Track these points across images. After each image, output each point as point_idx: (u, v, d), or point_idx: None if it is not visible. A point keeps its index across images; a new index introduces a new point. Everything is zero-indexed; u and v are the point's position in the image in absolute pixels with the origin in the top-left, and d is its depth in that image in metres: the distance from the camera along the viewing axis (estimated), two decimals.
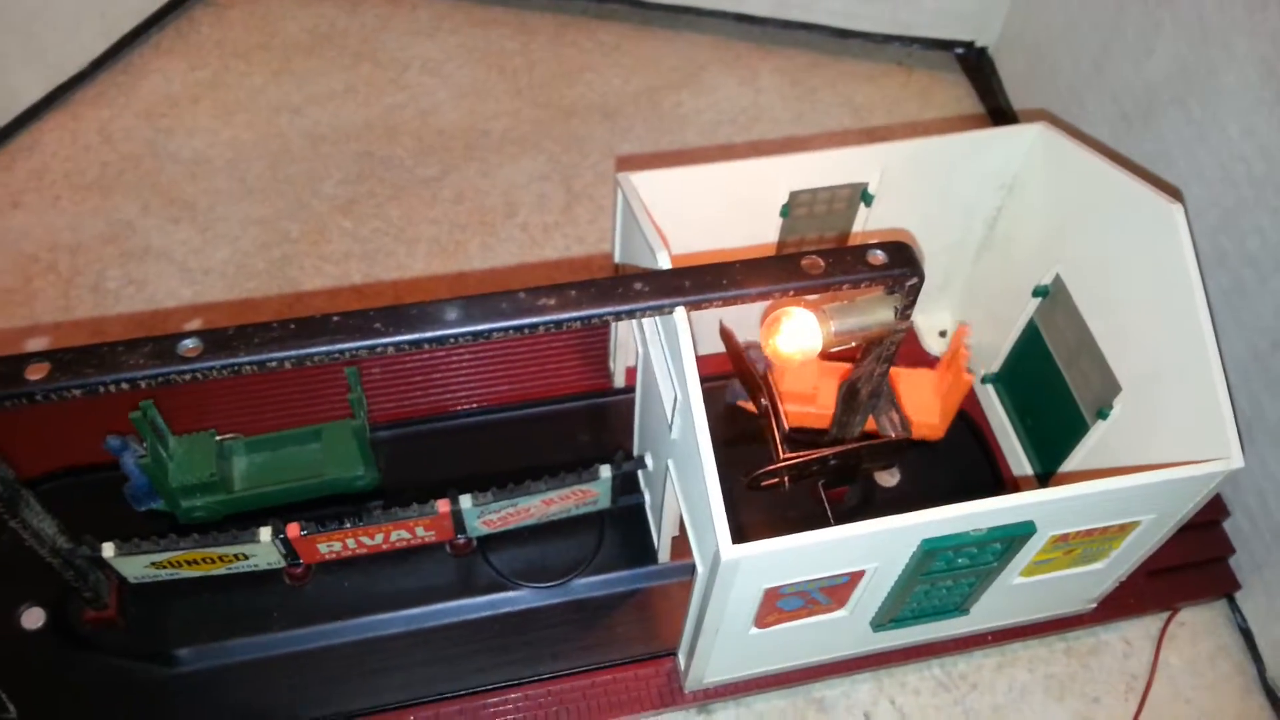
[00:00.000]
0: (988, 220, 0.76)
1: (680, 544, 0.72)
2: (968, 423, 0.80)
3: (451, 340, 0.52)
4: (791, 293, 0.54)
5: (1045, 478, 0.75)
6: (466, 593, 0.71)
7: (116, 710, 0.65)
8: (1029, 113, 0.99)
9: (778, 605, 0.58)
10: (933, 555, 0.56)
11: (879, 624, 0.64)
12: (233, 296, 0.87)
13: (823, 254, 0.55)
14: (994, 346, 0.79)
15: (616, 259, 0.71)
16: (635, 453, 0.75)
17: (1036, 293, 0.72)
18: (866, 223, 0.73)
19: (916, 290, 0.57)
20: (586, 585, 0.72)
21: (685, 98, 1.05)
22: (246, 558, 0.66)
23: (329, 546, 0.67)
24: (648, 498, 0.73)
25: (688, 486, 0.57)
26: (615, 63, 1.08)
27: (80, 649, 0.67)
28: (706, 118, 1.03)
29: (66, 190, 0.94)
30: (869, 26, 1.06)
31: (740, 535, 0.51)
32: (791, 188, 0.68)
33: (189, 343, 0.50)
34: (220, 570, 0.67)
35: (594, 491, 0.70)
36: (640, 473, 0.74)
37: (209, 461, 0.70)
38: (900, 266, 0.56)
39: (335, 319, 0.51)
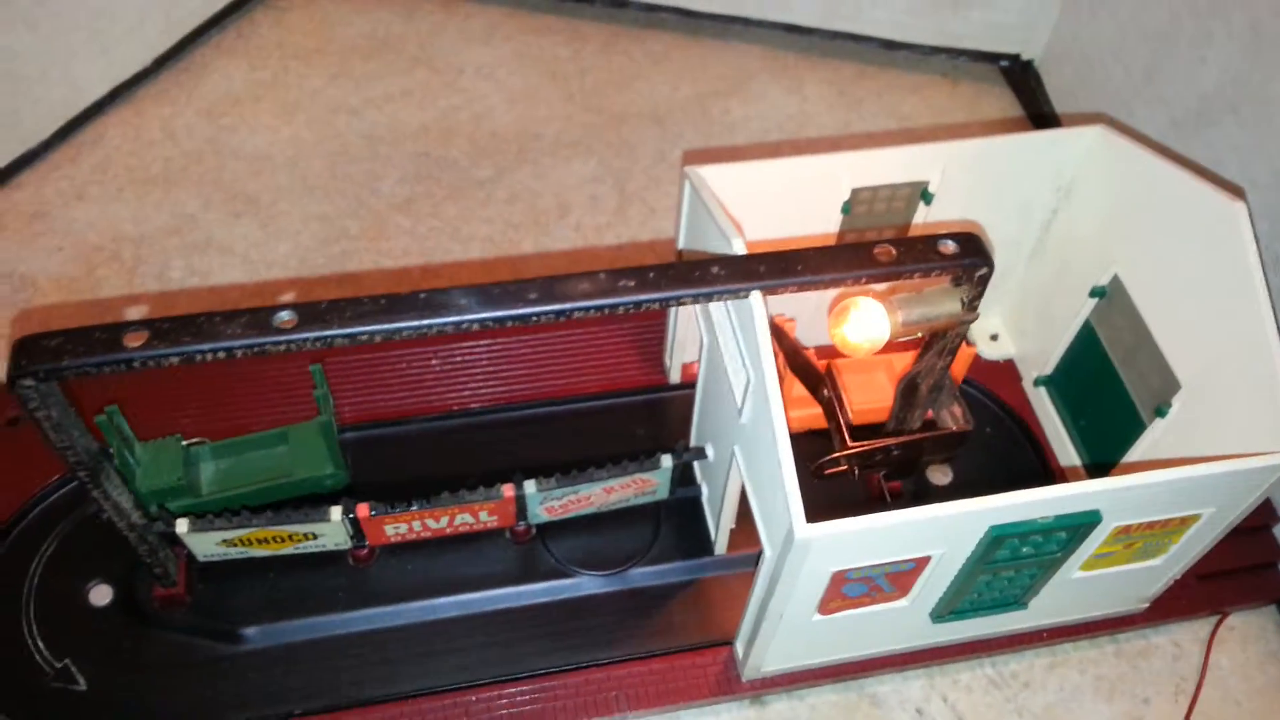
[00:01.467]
0: (1043, 222, 0.77)
1: (737, 537, 0.73)
2: (1019, 424, 0.81)
3: (535, 319, 0.53)
4: (864, 280, 0.56)
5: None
6: (526, 579, 0.72)
7: (183, 685, 0.66)
8: (1077, 117, 1.00)
9: (842, 591, 0.59)
10: (999, 543, 0.57)
11: (938, 615, 0.64)
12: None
13: (894, 243, 0.56)
14: (1045, 349, 0.80)
15: (680, 247, 0.72)
16: (693, 445, 0.76)
17: (1094, 293, 0.73)
18: (925, 221, 0.74)
19: (985, 281, 0.58)
20: (643, 575, 0.73)
21: (733, 105, 1.07)
22: (315, 537, 0.67)
23: (395, 528, 0.68)
24: (705, 490, 0.74)
25: (757, 470, 0.58)
26: (665, 70, 1.09)
27: (147, 625, 0.69)
28: (754, 125, 1.05)
29: (129, 184, 0.96)
30: (916, 38, 1.08)
31: None
32: (854, 184, 0.69)
33: (284, 315, 0.51)
34: (288, 550, 0.68)
35: (654, 481, 0.71)
36: (697, 466, 0.75)
37: (176, 466, 0.69)
38: (970, 256, 0.57)
39: (423, 296, 0.53)
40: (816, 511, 0.52)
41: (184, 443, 0.71)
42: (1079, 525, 0.57)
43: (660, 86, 1.08)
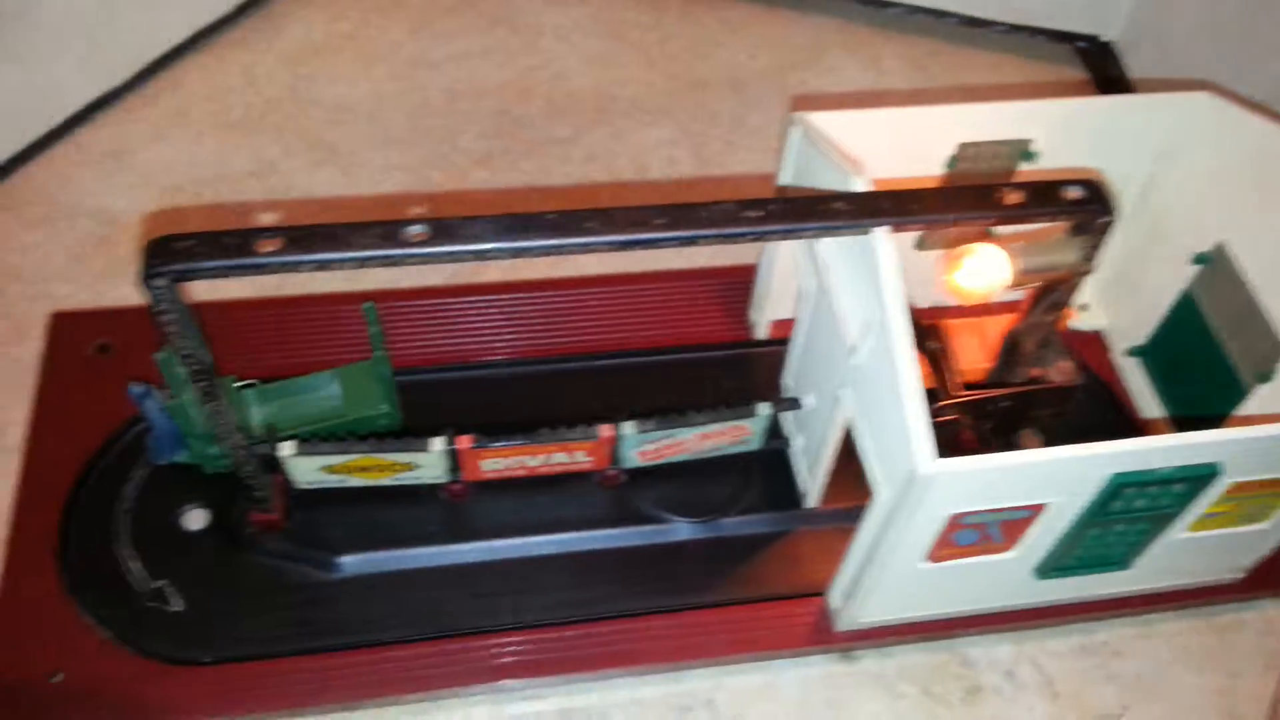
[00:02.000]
0: (1140, 189, 0.77)
1: (827, 492, 0.73)
2: (1110, 395, 0.80)
3: (660, 244, 0.53)
4: (989, 221, 0.55)
5: None
6: (616, 523, 0.72)
7: (277, 609, 0.67)
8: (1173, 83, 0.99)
9: (954, 538, 0.58)
10: (1117, 493, 0.56)
11: (1043, 571, 0.64)
12: None
13: (1019, 186, 0.56)
14: (1139, 318, 0.79)
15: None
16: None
17: (1198, 260, 0.72)
18: None
19: (1106, 229, 0.57)
20: (733, 525, 0.72)
21: (810, 77, 1.06)
22: (414, 468, 0.67)
23: (492, 464, 0.68)
24: (798, 442, 0.74)
25: (874, 409, 0.57)
26: (742, 40, 1.09)
27: (241, 550, 0.69)
28: (831, 97, 1.05)
29: (209, 127, 0.96)
30: (995, 15, 1.07)
31: None
32: (961, 139, 0.69)
33: (415, 229, 0.51)
34: (385, 480, 0.68)
35: (749, 429, 0.71)
36: (786, 419, 0.75)
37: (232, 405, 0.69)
38: (1095, 203, 0.56)
39: (550, 216, 0.52)
40: None
41: (235, 384, 0.71)
42: (1198, 477, 0.56)
43: (738, 55, 1.07)
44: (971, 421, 0.64)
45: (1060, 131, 0.70)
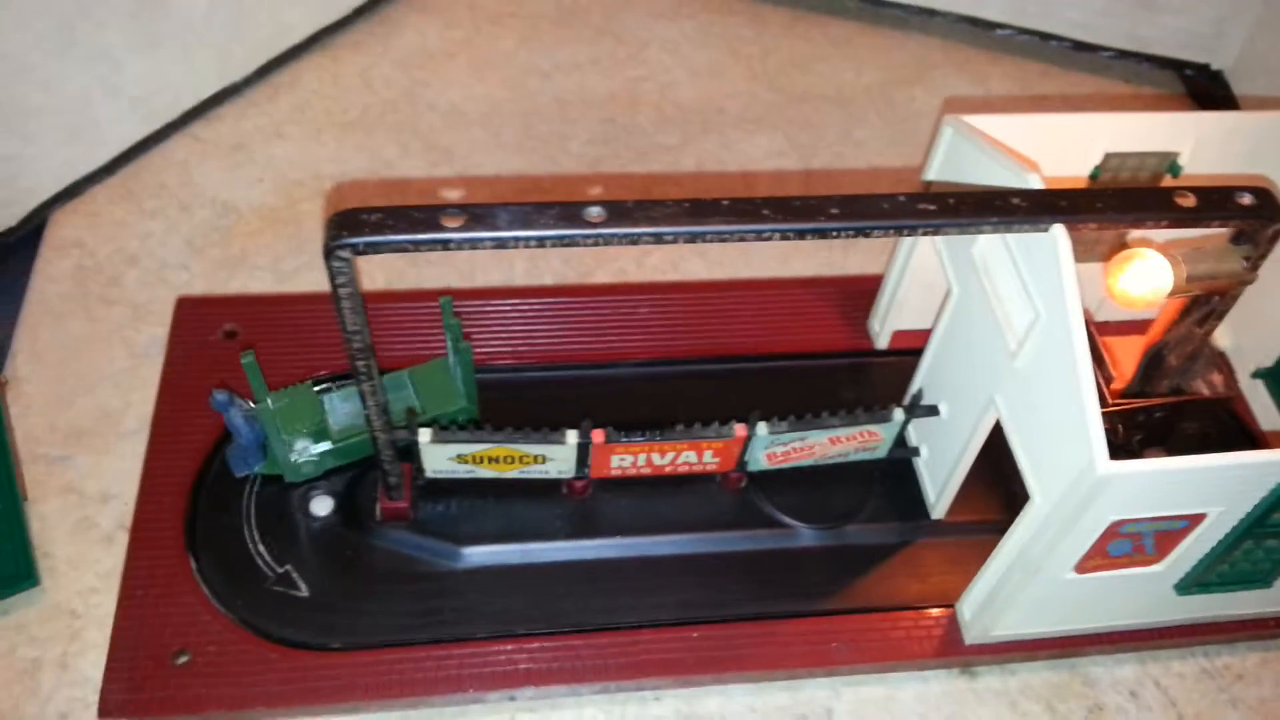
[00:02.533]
0: None
1: (955, 504, 0.72)
2: (1236, 420, 0.79)
3: (833, 234, 0.53)
4: (1164, 223, 0.55)
5: None
6: (739, 526, 0.71)
7: (403, 597, 0.66)
8: None
9: (1107, 548, 0.57)
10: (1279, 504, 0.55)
11: (1184, 586, 0.62)
12: None
13: (1194, 190, 0.55)
14: (1267, 339, 0.78)
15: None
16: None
17: None
18: None
19: (1277, 238, 0.57)
20: (859, 533, 0.72)
21: (917, 93, 1.06)
22: (544, 461, 0.67)
23: (621, 460, 0.68)
24: (924, 452, 0.73)
25: (1036, 412, 0.56)
26: (846, 55, 1.10)
27: (368, 537, 0.69)
28: (940, 115, 1.05)
29: (328, 125, 0.97)
30: (1105, 40, 1.07)
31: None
32: (1108, 149, 0.68)
33: (594, 210, 0.51)
34: (514, 473, 0.68)
35: (880, 435, 0.70)
36: (914, 429, 0.74)
37: (314, 409, 0.69)
38: (1267, 210, 0.56)
39: (726, 203, 0.53)
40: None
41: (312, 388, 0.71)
42: None
43: (844, 71, 1.08)
44: (1121, 433, 0.63)
45: (1204, 145, 0.69)
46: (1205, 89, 1.08)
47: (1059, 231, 0.53)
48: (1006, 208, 0.53)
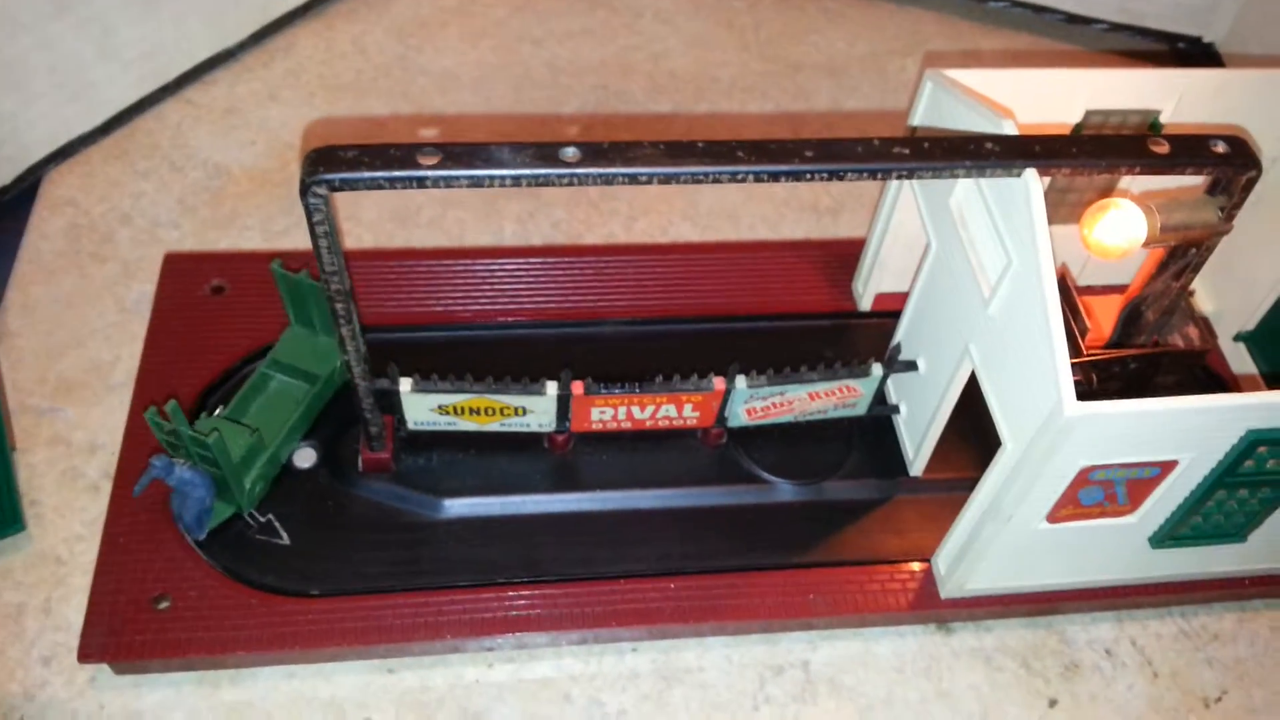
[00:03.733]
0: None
1: (931, 462, 0.72)
2: (1217, 381, 0.79)
3: (807, 176, 0.53)
4: (1137, 169, 0.55)
5: None
6: (717, 481, 0.72)
7: (384, 547, 0.67)
8: None
9: (1079, 496, 0.58)
10: (1250, 450, 0.55)
11: (1159, 539, 0.63)
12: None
13: (1168, 138, 0.56)
14: (1249, 303, 0.78)
15: None
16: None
17: None
18: None
19: (1251, 186, 0.57)
20: (837, 489, 0.72)
21: (909, 65, 1.07)
22: (524, 414, 0.68)
23: (601, 413, 0.69)
24: (903, 409, 0.73)
25: (1008, 358, 0.57)
26: (839, 27, 1.10)
27: (350, 488, 0.69)
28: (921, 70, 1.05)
29: (321, 90, 0.98)
30: (1098, 13, 1.07)
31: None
32: (1088, 105, 0.68)
33: (570, 150, 0.51)
34: (493, 426, 0.69)
35: (859, 390, 0.70)
36: (894, 386, 0.75)
37: (239, 428, 0.67)
38: (1240, 158, 0.56)
39: (701, 145, 0.53)
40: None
41: (214, 414, 0.69)
42: None
43: (836, 42, 1.08)
44: (1096, 383, 0.63)
45: (1188, 103, 0.69)
46: (1197, 61, 1.09)
47: (1031, 175, 0.53)
48: (980, 152, 0.54)
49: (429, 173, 0.50)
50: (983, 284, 0.59)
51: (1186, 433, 0.54)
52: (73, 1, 0.86)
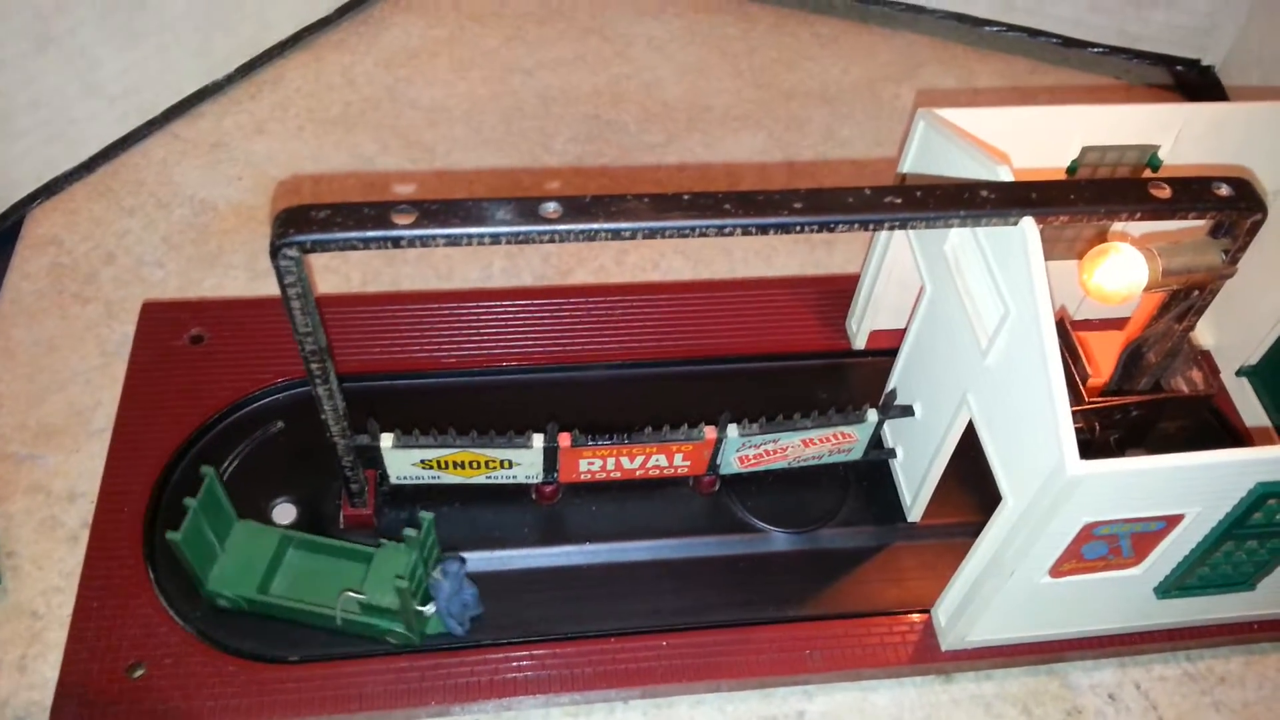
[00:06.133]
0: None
1: (929, 507, 0.71)
2: (1220, 419, 0.77)
3: (796, 228, 0.51)
4: (1138, 215, 0.53)
5: None
6: (712, 531, 0.70)
7: None
8: None
9: (1082, 551, 0.56)
10: (1260, 504, 0.53)
11: (1165, 590, 0.61)
12: None
13: (1169, 181, 0.54)
14: (1251, 337, 0.76)
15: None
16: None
17: None
18: None
19: (1256, 229, 0.55)
20: (833, 536, 0.70)
21: (904, 91, 1.05)
22: (509, 466, 0.66)
23: (589, 464, 0.67)
24: (900, 454, 0.72)
25: (1007, 411, 0.55)
26: (833, 54, 1.08)
27: None
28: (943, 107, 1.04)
29: (309, 123, 0.96)
30: (1095, 37, 1.05)
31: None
32: (1084, 142, 0.67)
33: (550, 205, 0.50)
34: (479, 479, 0.67)
35: (854, 436, 0.69)
36: (890, 430, 0.73)
37: (262, 558, 0.64)
38: (1245, 201, 0.54)
39: (687, 197, 0.51)
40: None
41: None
42: None
43: (830, 69, 1.07)
44: (1098, 431, 0.62)
45: (1186, 138, 0.67)
46: (1196, 84, 1.07)
47: (1028, 224, 0.52)
48: (974, 200, 0.52)
49: (404, 232, 0.48)
50: (980, 333, 0.57)
51: (1193, 488, 0.52)
52: (56, 36, 0.85)
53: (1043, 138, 0.67)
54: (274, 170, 0.93)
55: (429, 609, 0.62)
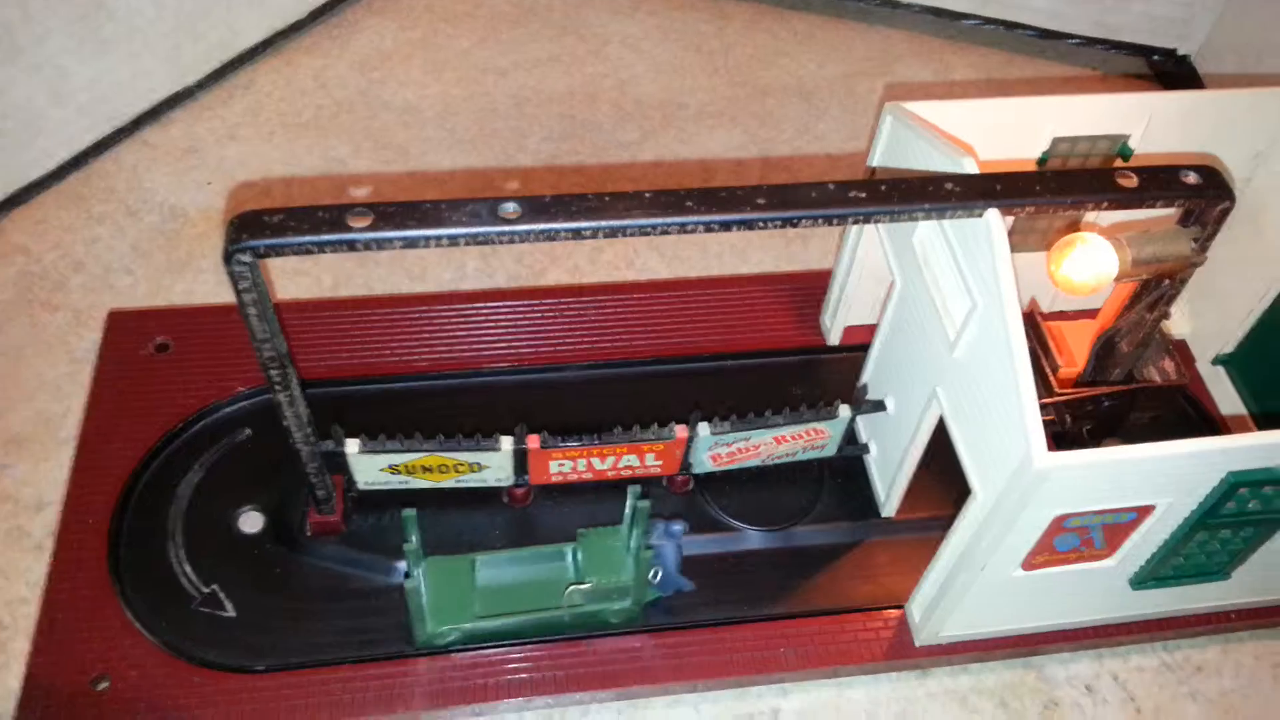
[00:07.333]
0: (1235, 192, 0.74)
1: (904, 502, 0.70)
2: (1196, 407, 0.77)
3: (760, 224, 0.51)
4: (1104, 205, 0.53)
5: None
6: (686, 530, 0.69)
7: (334, 616, 0.64)
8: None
9: (1054, 543, 0.55)
10: (1231, 493, 0.53)
11: (1140, 581, 0.60)
12: None
13: (1136, 170, 0.53)
14: (1226, 325, 0.76)
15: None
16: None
17: None
18: None
19: (1224, 216, 0.55)
20: (807, 534, 0.70)
21: (880, 86, 1.05)
22: (479, 469, 0.65)
23: (560, 465, 0.66)
24: (873, 449, 0.71)
25: (975, 404, 0.55)
26: (809, 49, 1.08)
27: (299, 554, 0.67)
28: (906, 95, 1.03)
29: (281, 127, 0.96)
30: (1071, 28, 1.05)
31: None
32: (1055, 133, 0.66)
33: (509, 206, 0.49)
34: (449, 482, 0.66)
35: (827, 432, 0.68)
36: (863, 425, 0.72)
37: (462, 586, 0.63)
38: (1213, 188, 0.54)
39: (649, 195, 0.51)
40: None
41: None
42: None
43: (806, 64, 1.06)
44: (1069, 423, 0.61)
45: (1157, 127, 0.67)
46: (1173, 74, 1.07)
47: (993, 216, 0.51)
48: (939, 193, 0.51)
49: (360, 235, 0.48)
50: (948, 326, 0.57)
51: (1163, 478, 0.52)
52: (24, 45, 0.84)
53: (1014, 130, 0.66)
54: (245, 175, 0.92)
55: (655, 576, 0.63)
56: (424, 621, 0.61)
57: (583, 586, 0.62)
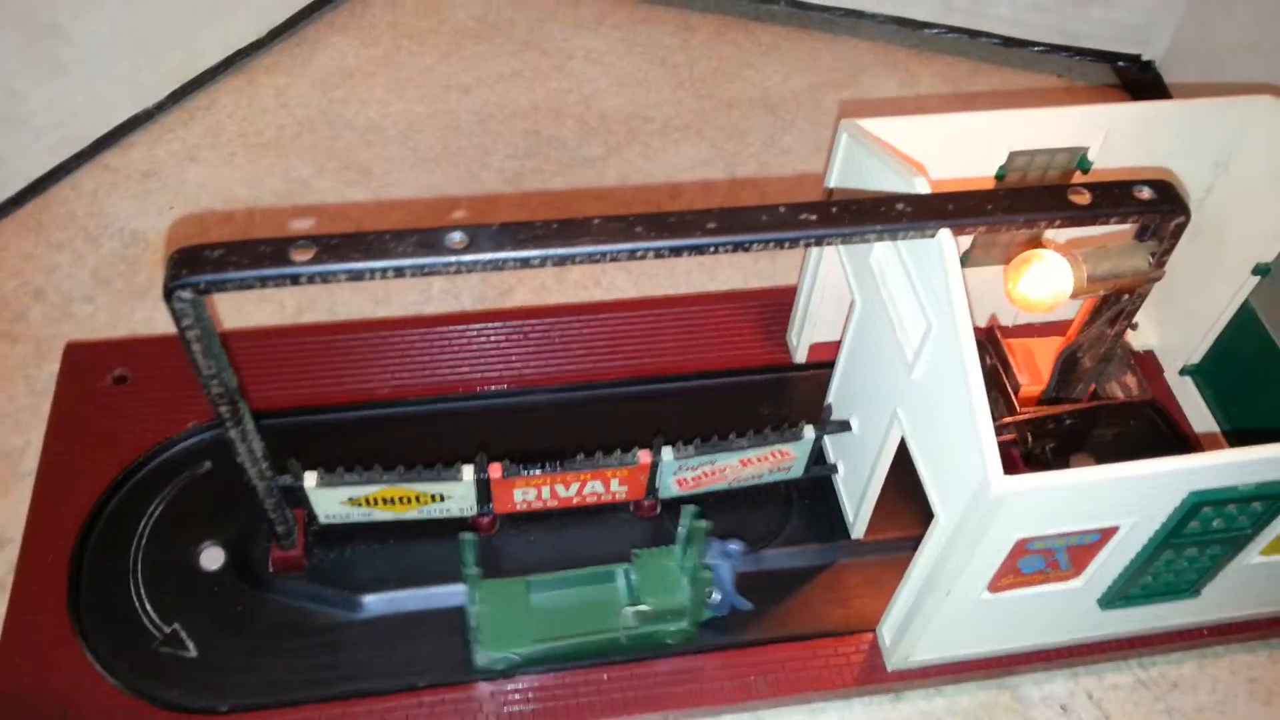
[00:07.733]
0: (1196, 202, 0.74)
1: (873, 522, 0.70)
2: (1164, 418, 0.77)
3: (711, 249, 0.50)
4: (1057, 222, 0.52)
5: None
6: None
7: (297, 653, 0.63)
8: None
9: (1019, 565, 0.55)
10: (1194, 512, 0.52)
11: (1108, 601, 0.60)
12: None
13: (1089, 186, 0.53)
14: (1192, 336, 0.76)
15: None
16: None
17: (1257, 270, 0.69)
18: None
19: (1180, 231, 0.55)
20: (776, 557, 0.69)
21: (845, 97, 1.04)
22: (441, 499, 0.64)
23: (524, 494, 0.65)
24: (841, 470, 0.70)
25: (934, 427, 0.54)
26: (775, 61, 1.07)
27: (261, 590, 0.66)
28: (871, 108, 1.03)
29: (242, 148, 0.95)
30: (1035, 36, 1.05)
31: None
32: (1011, 147, 0.66)
33: (456, 235, 0.48)
34: (411, 514, 0.65)
35: (793, 454, 0.67)
36: (831, 445, 0.72)
37: (517, 610, 0.63)
38: (1168, 203, 0.53)
39: (597, 222, 0.50)
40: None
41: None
42: (1277, 496, 0.53)
43: (771, 76, 1.06)
44: (1031, 442, 0.61)
45: (1115, 139, 0.67)
46: (1139, 81, 1.07)
47: (945, 236, 0.51)
48: (890, 214, 0.51)
49: (304, 269, 0.47)
50: (906, 347, 0.56)
51: (1125, 499, 0.51)
52: None
53: (971, 144, 0.66)
54: (206, 198, 0.91)
55: (713, 596, 0.63)
56: (483, 645, 0.61)
57: (639, 609, 0.61)
